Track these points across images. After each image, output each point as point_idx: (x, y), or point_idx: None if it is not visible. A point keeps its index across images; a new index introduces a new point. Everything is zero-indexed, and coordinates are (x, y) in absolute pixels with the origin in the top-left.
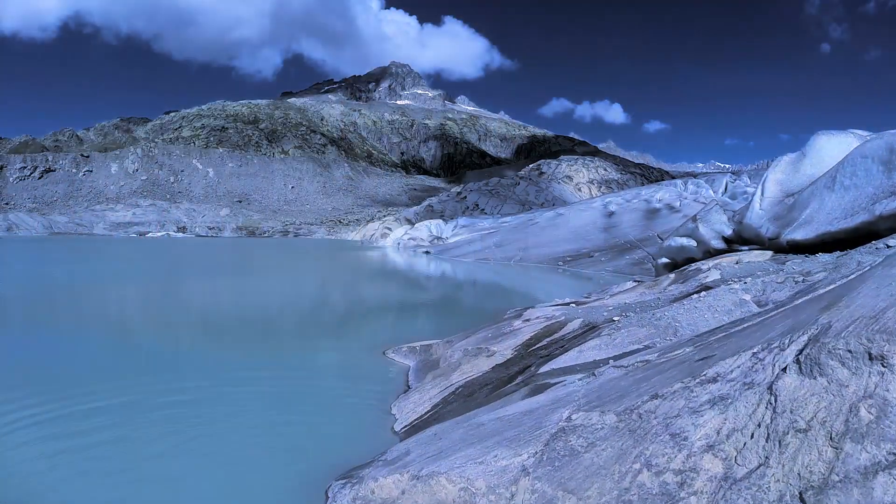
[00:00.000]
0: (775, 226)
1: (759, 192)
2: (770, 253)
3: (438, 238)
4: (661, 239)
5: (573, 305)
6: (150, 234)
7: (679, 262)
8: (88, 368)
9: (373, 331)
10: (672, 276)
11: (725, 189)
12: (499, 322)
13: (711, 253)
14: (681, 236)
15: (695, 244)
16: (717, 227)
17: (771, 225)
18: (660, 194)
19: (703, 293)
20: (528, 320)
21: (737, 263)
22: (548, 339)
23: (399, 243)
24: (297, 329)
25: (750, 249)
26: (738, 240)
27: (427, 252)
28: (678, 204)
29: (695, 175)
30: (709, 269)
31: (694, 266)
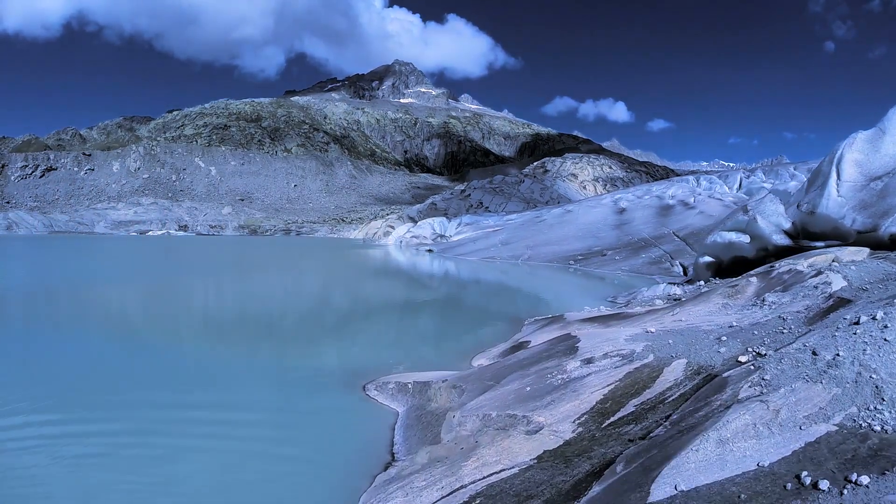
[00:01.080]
0: (863, 216)
1: (833, 176)
2: (867, 250)
3: (442, 236)
4: (677, 236)
5: (648, 332)
6: (150, 233)
7: (725, 262)
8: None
9: (355, 351)
10: (755, 280)
11: (740, 185)
12: (536, 357)
13: (769, 250)
14: (729, 231)
15: (747, 240)
16: (773, 219)
17: (857, 215)
18: (672, 190)
19: (877, 315)
20: (589, 360)
21: (834, 262)
22: (636, 403)
23: (401, 241)
24: (263, 347)
25: (827, 245)
26: (803, 234)
27: (430, 251)
28: (692, 200)
29: (706, 173)
30: (817, 272)
31: (784, 266)
